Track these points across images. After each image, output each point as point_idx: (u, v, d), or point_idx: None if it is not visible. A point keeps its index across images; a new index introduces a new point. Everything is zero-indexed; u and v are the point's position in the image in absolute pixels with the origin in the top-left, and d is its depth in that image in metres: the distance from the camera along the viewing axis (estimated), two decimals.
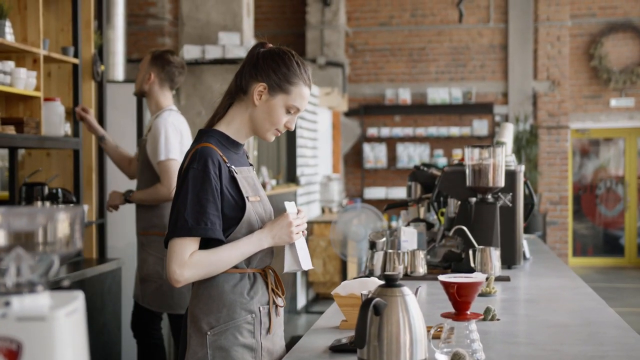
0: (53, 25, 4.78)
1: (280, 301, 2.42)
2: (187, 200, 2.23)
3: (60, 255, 1.04)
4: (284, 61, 2.35)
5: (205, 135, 2.36)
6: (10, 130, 4.14)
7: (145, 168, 4.27)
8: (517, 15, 11.80)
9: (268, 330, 2.36)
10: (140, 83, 4.38)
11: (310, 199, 9.67)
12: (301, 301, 8.60)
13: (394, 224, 10.74)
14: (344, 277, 8.97)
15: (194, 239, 2.24)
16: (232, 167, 2.32)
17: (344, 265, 8.88)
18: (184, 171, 2.28)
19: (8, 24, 4.13)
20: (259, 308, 2.33)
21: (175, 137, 4.25)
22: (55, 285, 1.08)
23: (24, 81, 4.22)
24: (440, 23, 12.05)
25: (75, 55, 4.74)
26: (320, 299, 9.33)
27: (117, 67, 8.86)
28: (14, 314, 0.99)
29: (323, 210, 10.42)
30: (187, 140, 4.35)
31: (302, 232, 2.41)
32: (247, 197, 2.30)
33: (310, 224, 9.34)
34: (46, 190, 4.32)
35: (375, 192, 11.90)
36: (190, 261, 2.22)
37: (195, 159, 2.26)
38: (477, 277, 2.00)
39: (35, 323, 0.98)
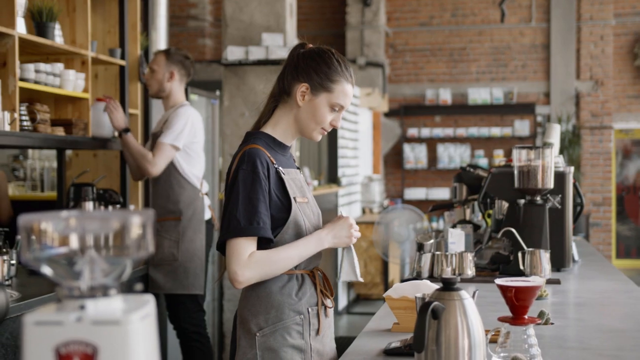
0: (100, 28, 4.83)
1: (329, 302, 2.42)
2: (238, 201, 2.25)
3: (133, 258, 1.04)
4: (324, 60, 2.35)
5: (252, 137, 2.38)
6: (60, 131, 4.19)
7: None
8: (560, 15, 11.67)
9: (317, 332, 2.35)
10: (160, 83, 4.50)
11: (351, 200, 9.66)
12: (342, 302, 8.59)
13: (434, 224, 10.69)
14: (385, 278, 8.94)
15: (251, 239, 2.24)
16: (280, 168, 2.33)
17: (385, 266, 8.85)
18: (234, 173, 2.30)
19: (57, 26, 4.18)
20: (308, 309, 2.33)
21: (189, 132, 4.43)
22: (126, 289, 1.08)
23: (73, 83, 4.27)
24: (482, 23, 11.96)
25: (122, 57, 4.78)
26: (361, 299, 9.32)
27: None
28: (89, 318, 0.99)
29: (364, 211, 10.40)
30: (200, 138, 4.53)
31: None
32: (294, 198, 2.31)
33: None
34: (94, 191, 4.36)
35: (416, 193, 11.85)
36: (250, 261, 2.23)
37: (244, 161, 2.28)
38: (535, 280, 1.98)
39: (110, 327, 0.99)
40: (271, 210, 2.28)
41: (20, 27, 3.87)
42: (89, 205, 4.39)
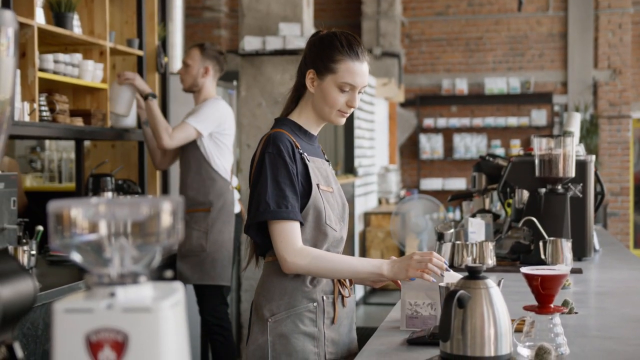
0: (118, 18, 4.82)
1: (346, 291, 2.40)
2: (267, 184, 2.26)
3: (163, 245, 1.03)
4: (325, 43, 2.35)
5: (279, 122, 2.40)
6: (78, 122, 4.19)
7: (187, 148, 4.39)
8: (577, 3, 11.57)
9: (332, 320, 2.35)
10: (194, 78, 4.48)
11: (367, 190, 9.64)
12: (359, 292, 8.59)
13: (450, 214, 10.65)
14: None
15: (295, 223, 2.25)
16: (305, 154, 2.33)
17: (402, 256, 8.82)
18: (260, 156, 2.31)
19: (76, 17, 4.18)
20: (323, 297, 2.33)
21: (217, 122, 4.41)
22: (156, 276, 1.07)
23: (91, 73, 4.27)
24: (498, 12, 11.88)
25: (140, 47, 4.78)
26: (378, 290, 9.30)
27: (176, 60, 8.92)
28: (119, 305, 0.98)
29: (380, 202, 10.38)
30: (230, 131, 4.53)
31: (426, 272, 2.29)
32: (317, 185, 2.31)
33: (368, 215, 9.31)
34: (113, 182, 4.36)
35: (432, 183, 11.81)
36: (305, 251, 2.25)
37: (270, 144, 2.29)
38: (561, 269, 1.96)
39: (140, 314, 0.98)
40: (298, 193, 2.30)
41: (39, 18, 3.87)
42: (108, 195, 4.40)
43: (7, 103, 1.09)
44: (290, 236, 2.24)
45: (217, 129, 4.40)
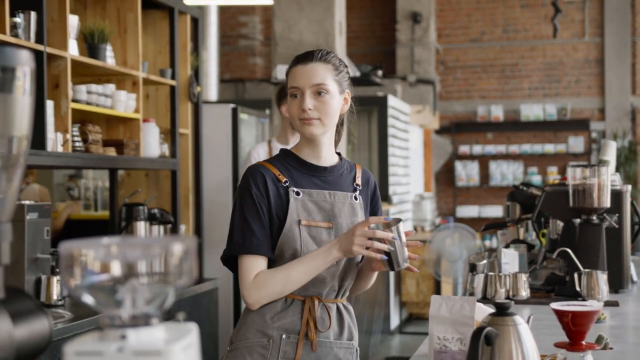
0: (151, 48, 4.86)
1: (317, 336, 2.24)
2: (234, 219, 2.25)
3: (176, 286, 1.02)
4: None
5: (277, 154, 2.38)
6: (111, 151, 4.22)
7: None
8: (614, 29, 11.48)
9: None
10: None
11: (402, 218, 9.58)
12: (394, 321, 8.51)
13: (487, 242, 10.54)
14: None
15: (255, 257, 2.20)
16: (293, 187, 2.26)
17: (437, 285, 8.74)
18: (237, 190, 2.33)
19: (109, 47, 4.22)
20: (282, 335, 2.22)
21: None
22: (169, 317, 1.06)
23: (124, 103, 4.30)
24: (533, 38, 11.82)
25: (173, 77, 4.81)
26: (414, 319, 9.21)
27: (211, 88, 9.00)
28: (130, 348, 0.97)
29: (415, 229, 10.31)
30: None
31: (377, 249, 2.14)
32: (298, 221, 2.22)
33: None
34: (145, 211, 4.38)
35: (468, 211, 11.71)
36: (255, 282, 2.19)
37: (243, 178, 2.29)
38: (593, 305, 1.91)
39: (151, 357, 0.96)
40: (272, 229, 2.23)
41: (73, 49, 3.91)
42: (141, 225, 4.42)
43: (24, 138, 1.10)
44: (246, 271, 2.20)
45: None
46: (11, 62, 1.06)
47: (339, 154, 2.41)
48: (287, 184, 2.25)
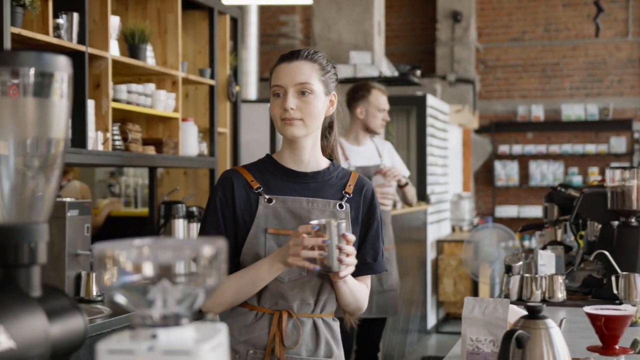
0: (191, 48, 4.92)
1: (285, 352, 2.14)
2: (201, 223, 2.26)
3: (205, 287, 1.04)
4: None
5: (261, 159, 2.31)
6: (151, 150, 4.28)
7: None
8: None
9: None
10: None
11: (440, 217, 9.55)
12: (431, 321, 8.49)
13: (526, 243, 10.46)
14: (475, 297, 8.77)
15: None
16: (265, 194, 2.18)
17: (475, 286, 8.70)
18: None
19: (149, 48, 4.28)
20: (248, 350, 2.14)
21: None
22: (199, 317, 1.08)
23: (164, 103, 4.36)
24: (575, 37, 11.70)
25: (212, 77, 4.86)
26: (451, 318, 9.18)
27: (250, 87, 9.05)
28: (160, 348, 0.99)
29: (453, 229, 10.27)
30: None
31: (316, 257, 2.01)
32: (264, 229, 2.14)
33: (440, 242, 9.22)
34: (184, 209, 4.43)
35: (507, 211, 11.63)
36: None
37: (217, 181, 2.27)
38: (626, 309, 1.90)
39: (181, 357, 0.98)
40: (238, 235, 2.17)
41: (114, 50, 3.98)
42: (179, 222, 4.47)
43: (62, 140, 1.13)
44: None
45: None
46: (49, 68, 1.09)
47: (332, 160, 2.30)
48: (259, 190, 2.18)
